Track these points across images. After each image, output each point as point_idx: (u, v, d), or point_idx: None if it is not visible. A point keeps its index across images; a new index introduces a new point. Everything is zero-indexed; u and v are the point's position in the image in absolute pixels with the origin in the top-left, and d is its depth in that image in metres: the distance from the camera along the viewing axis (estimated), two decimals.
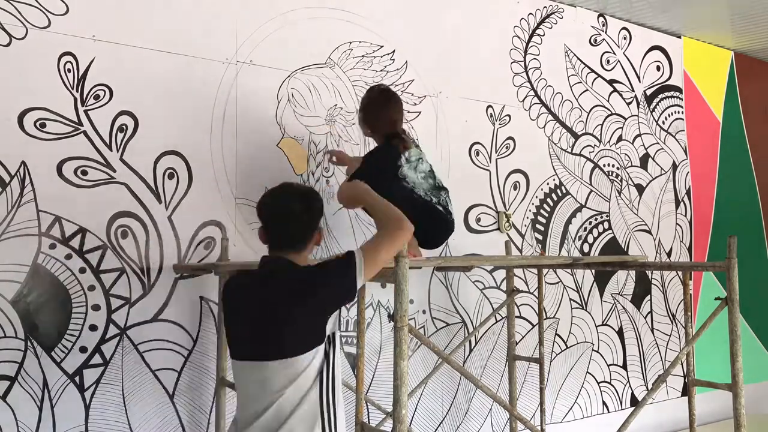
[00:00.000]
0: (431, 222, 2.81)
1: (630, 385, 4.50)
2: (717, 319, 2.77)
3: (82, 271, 2.70)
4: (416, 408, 3.55)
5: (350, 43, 3.47)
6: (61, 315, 2.64)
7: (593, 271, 4.36)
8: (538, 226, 4.13)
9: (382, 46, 3.57)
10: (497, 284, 3.90)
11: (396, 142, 2.84)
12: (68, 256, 2.67)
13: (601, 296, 4.40)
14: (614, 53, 4.62)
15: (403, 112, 2.99)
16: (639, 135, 4.72)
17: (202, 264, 2.92)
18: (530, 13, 4.22)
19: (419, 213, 2.66)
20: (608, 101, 4.56)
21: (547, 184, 4.19)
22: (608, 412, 4.36)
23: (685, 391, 3.80)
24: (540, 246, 4.11)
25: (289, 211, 2.07)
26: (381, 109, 2.89)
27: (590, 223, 4.39)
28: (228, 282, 2.19)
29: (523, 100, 4.13)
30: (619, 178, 4.57)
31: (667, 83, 4.92)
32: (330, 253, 3.30)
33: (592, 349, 4.32)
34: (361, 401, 2.24)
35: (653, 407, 4.40)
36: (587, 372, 4.29)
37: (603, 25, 4.57)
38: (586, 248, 4.35)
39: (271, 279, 2.02)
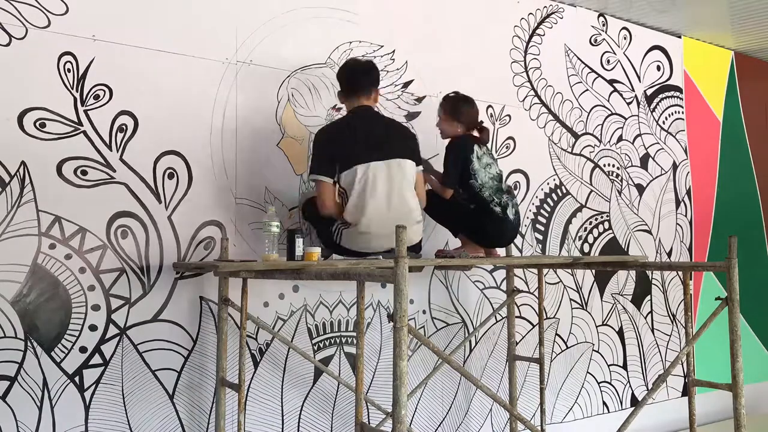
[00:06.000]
0: (491, 222, 3.15)
1: (630, 385, 4.50)
2: (717, 319, 2.78)
3: (82, 271, 2.70)
4: (416, 408, 3.55)
5: (350, 43, 3.47)
6: (61, 315, 2.64)
7: (593, 271, 4.36)
8: (538, 226, 4.13)
9: (382, 46, 3.57)
10: (497, 284, 3.90)
11: (472, 135, 3.29)
12: (68, 256, 2.67)
13: (602, 296, 4.40)
14: (614, 53, 4.62)
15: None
16: (639, 135, 4.71)
17: (202, 263, 2.92)
18: (530, 13, 4.22)
19: (481, 211, 3.14)
20: (608, 101, 4.56)
21: (548, 184, 4.19)
22: (608, 412, 4.36)
23: (686, 391, 3.81)
24: (540, 246, 4.11)
25: None
26: (463, 105, 3.30)
27: (590, 223, 4.38)
28: None
29: (524, 100, 4.13)
30: (620, 178, 4.57)
31: (667, 83, 4.91)
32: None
33: (593, 349, 4.32)
34: (361, 401, 2.24)
35: (653, 407, 4.40)
36: (587, 372, 4.28)
37: (603, 25, 4.57)
38: (586, 248, 4.35)
39: None
